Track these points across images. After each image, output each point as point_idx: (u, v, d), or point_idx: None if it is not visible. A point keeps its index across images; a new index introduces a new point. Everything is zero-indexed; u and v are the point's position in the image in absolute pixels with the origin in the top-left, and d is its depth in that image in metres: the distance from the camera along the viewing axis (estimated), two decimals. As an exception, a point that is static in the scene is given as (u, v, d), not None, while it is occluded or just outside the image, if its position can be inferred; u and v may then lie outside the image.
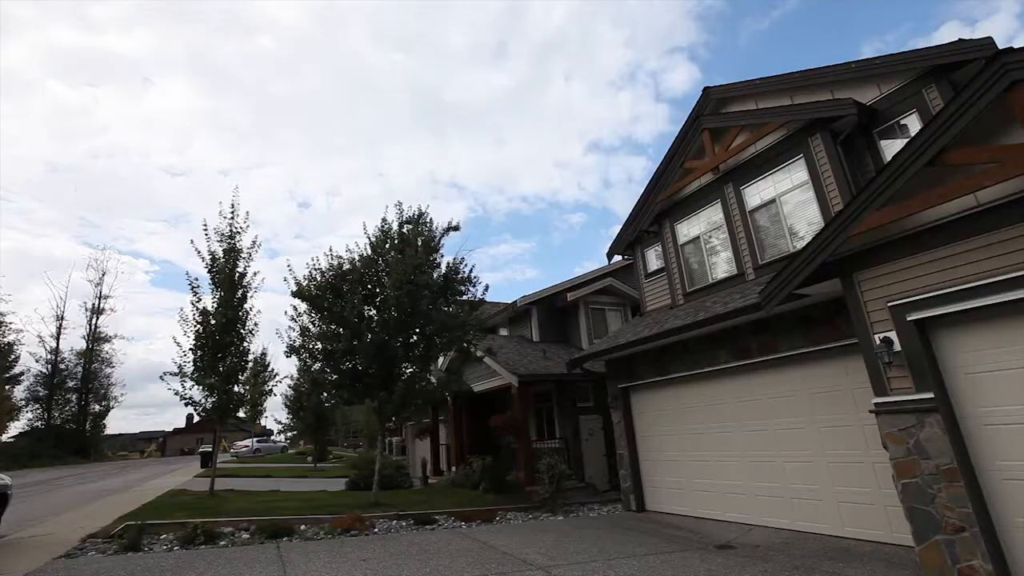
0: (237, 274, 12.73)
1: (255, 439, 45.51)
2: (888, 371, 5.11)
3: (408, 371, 11.89)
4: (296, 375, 25.80)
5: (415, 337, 11.73)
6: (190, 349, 12.34)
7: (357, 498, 11.85)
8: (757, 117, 8.94)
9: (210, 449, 18.70)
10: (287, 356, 11.85)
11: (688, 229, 10.24)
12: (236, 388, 13.02)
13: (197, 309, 12.41)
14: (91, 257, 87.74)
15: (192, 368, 12.35)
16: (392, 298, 10.85)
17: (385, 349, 10.93)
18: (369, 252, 11.96)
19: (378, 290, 11.70)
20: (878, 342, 5.14)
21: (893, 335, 5.06)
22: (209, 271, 12.54)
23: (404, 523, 9.28)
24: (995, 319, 4.54)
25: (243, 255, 12.88)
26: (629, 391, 10.29)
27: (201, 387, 12.36)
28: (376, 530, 8.71)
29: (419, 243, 11.75)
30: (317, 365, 11.88)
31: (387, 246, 11.94)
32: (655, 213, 10.83)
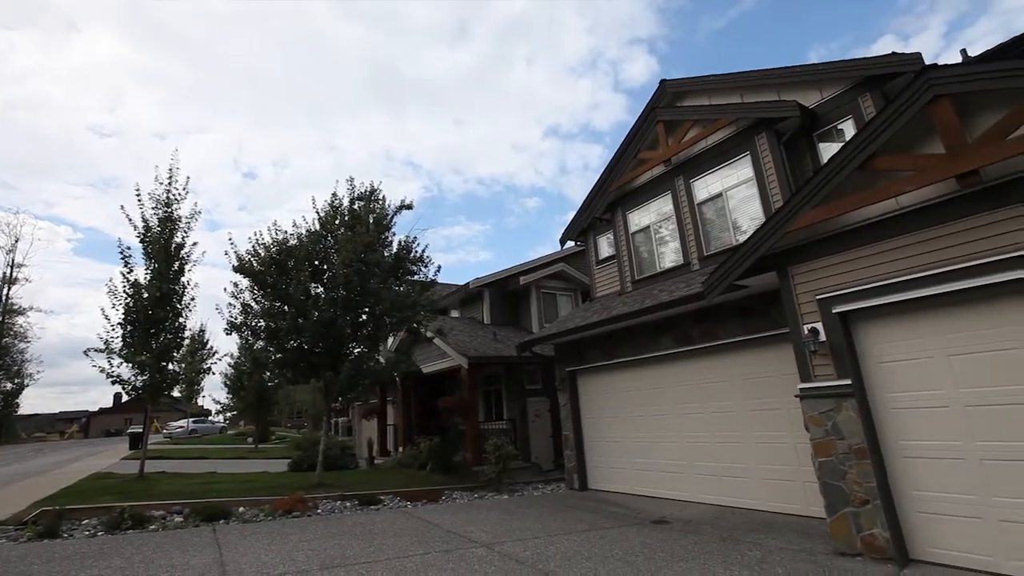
0: (174, 245, 11.97)
1: (191, 419, 43.43)
2: (813, 359, 5.50)
3: (356, 351, 11.68)
4: (237, 353, 24.79)
5: (364, 316, 11.52)
6: (119, 324, 11.55)
7: (300, 479, 11.62)
8: (709, 113, 9.24)
9: (140, 430, 17.71)
10: (227, 334, 11.31)
11: (639, 218, 10.52)
12: (170, 366, 12.34)
13: (128, 281, 11.60)
14: (2, 221, 79.19)
15: (121, 344, 11.58)
16: (341, 276, 10.57)
17: (332, 328, 10.67)
18: (317, 228, 11.55)
19: (326, 267, 11.35)
20: (806, 332, 5.51)
21: (820, 326, 5.44)
22: (142, 241, 11.71)
23: (348, 504, 9.20)
24: (905, 314, 4.97)
25: (181, 224, 12.11)
26: (576, 374, 10.56)
27: (131, 364, 11.63)
28: (319, 511, 8.59)
29: (370, 220, 11.47)
30: (260, 343, 11.45)
31: (337, 222, 11.57)
32: (608, 201, 11.04)
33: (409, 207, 12.24)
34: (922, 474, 4.74)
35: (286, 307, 10.75)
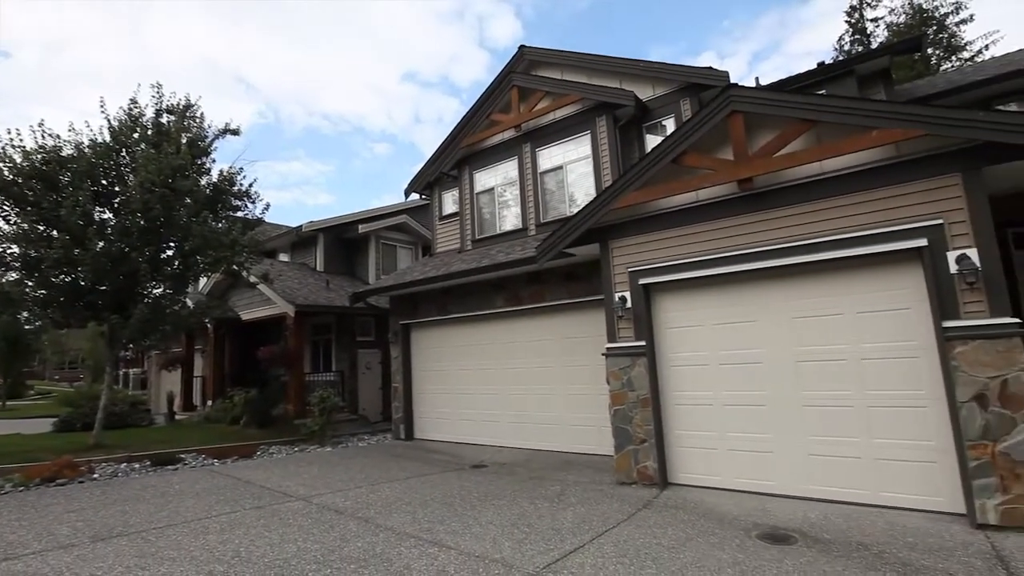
0: None
1: None
2: (619, 323, 6.35)
3: (155, 292, 10.01)
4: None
5: (169, 252, 9.87)
6: None
7: (70, 441, 9.77)
8: (560, 87, 9.68)
9: None
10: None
11: (486, 179, 10.72)
12: None
13: None
14: None
15: None
16: (138, 201, 8.80)
17: (123, 263, 8.93)
18: (107, 139, 9.38)
19: (118, 189, 9.36)
20: (617, 299, 6.31)
21: (628, 295, 6.27)
22: None
23: (137, 465, 8.08)
24: (690, 290, 6.01)
25: None
26: (410, 327, 10.60)
27: None
28: (96, 476, 7.38)
29: (183, 140, 9.69)
30: (12, 275, 9.07)
31: (136, 136, 9.55)
32: (457, 158, 11.02)
33: (236, 132, 10.63)
34: (685, 418, 5.90)
35: (56, 232, 8.63)
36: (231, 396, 12.53)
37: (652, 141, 8.93)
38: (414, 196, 12.83)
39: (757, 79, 8.00)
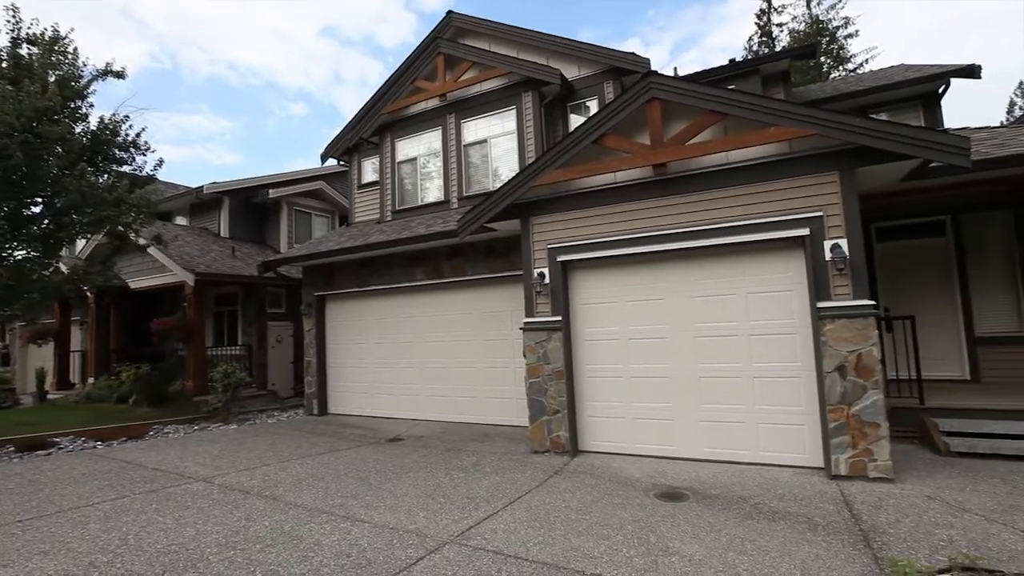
0: None
1: None
2: (538, 298, 6.51)
3: (17, 255, 8.72)
4: None
5: (36, 209, 8.61)
6: None
7: (-92, 422, 8.39)
8: (488, 59, 9.52)
9: None
10: None
11: (408, 149, 10.39)
12: None
13: None
14: None
15: None
16: (-8, 148, 7.53)
17: (-26, 219, 7.67)
18: (-54, 69, 7.89)
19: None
20: (535, 275, 6.45)
21: (547, 271, 6.43)
22: None
23: (-1, 449, 7.14)
24: (601, 267, 6.28)
25: None
26: (326, 299, 10.18)
27: None
28: (-55, 461, 6.43)
29: (51, 78, 8.38)
30: None
31: (-14, 68, 8.10)
32: (379, 124, 10.55)
33: (120, 75, 9.32)
34: (596, 389, 6.24)
35: None
36: (118, 372, 11.35)
37: (576, 121, 9.09)
38: (332, 162, 12.14)
39: (676, 69, 8.41)
